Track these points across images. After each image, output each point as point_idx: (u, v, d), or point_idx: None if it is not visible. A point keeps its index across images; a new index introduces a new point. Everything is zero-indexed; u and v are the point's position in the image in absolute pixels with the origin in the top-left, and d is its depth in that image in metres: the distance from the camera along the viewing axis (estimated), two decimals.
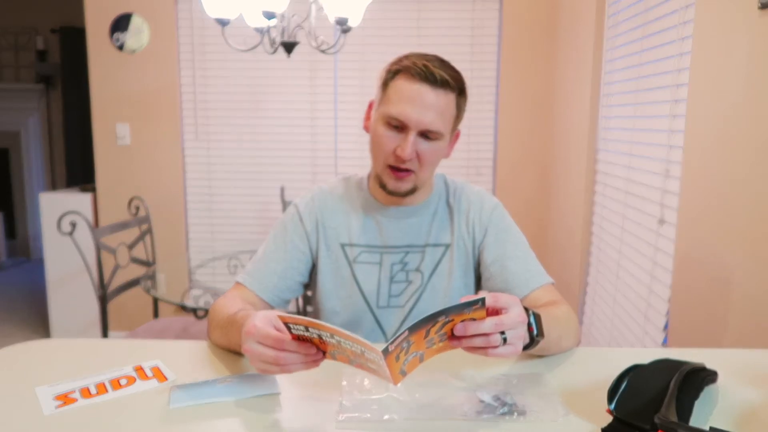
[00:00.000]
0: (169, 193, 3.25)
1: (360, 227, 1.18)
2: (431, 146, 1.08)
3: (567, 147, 2.80)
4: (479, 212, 1.19)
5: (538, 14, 3.04)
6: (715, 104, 1.48)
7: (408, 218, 1.18)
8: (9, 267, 5.09)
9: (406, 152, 1.05)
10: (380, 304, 1.17)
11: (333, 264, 1.18)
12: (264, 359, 0.77)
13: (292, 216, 1.20)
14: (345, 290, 1.17)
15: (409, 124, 1.05)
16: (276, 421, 0.78)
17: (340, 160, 3.23)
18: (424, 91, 1.04)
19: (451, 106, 1.07)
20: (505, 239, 1.17)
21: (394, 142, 1.07)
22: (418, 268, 1.17)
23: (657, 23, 1.88)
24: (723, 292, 1.44)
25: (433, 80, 1.04)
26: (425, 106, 1.04)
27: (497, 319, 0.75)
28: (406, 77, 1.05)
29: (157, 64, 3.15)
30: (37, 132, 5.29)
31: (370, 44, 3.09)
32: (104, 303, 2.17)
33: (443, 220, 1.20)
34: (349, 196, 1.21)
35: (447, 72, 1.06)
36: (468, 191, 1.22)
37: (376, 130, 1.09)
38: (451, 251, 1.18)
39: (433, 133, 1.06)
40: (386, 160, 1.09)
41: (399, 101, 1.05)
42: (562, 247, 2.88)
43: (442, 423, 0.77)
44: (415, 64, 1.05)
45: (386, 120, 1.07)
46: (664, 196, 1.80)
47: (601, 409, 0.75)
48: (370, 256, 1.17)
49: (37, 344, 1.03)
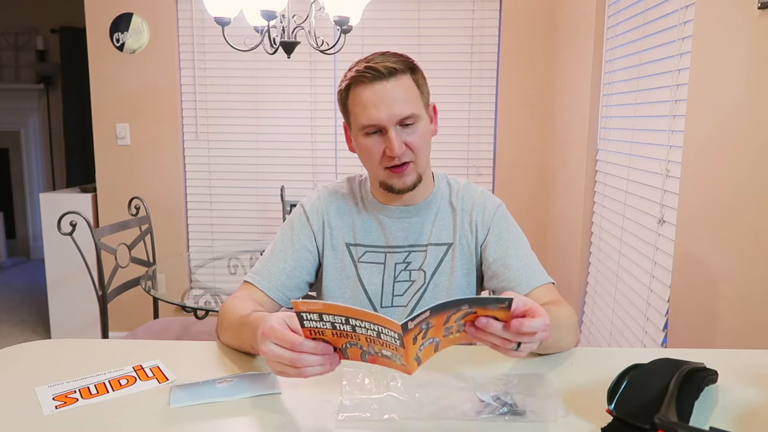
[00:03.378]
0: (169, 193, 3.25)
1: (364, 227, 1.19)
2: (414, 131, 1.10)
3: (567, 147, 2.80)
4: (482, 212, 1.20)
5: (538, 14, 3.04)
6: (715, 104, 1.48)
7: (410, 218, 1.19)
8: (9, 267, 5.09)
9: (395, 149, 1.07)
10: (383, 304, 1.18)
11: (338, 264, 1.19)
12: (281, 360, 0.77)
13: (299, 216, 1.21)
14: (349, 290, 1.18)
15: (382, 123, 1.07)
16: (276, 421, 0.78)
17: (340, 160, 3.23)
18: (378, 88, 1.06)
19: (409, 86, 1.09)
20: (507, 238, 1.18)
21: (380, 146, 1.09)
22: (421, 267, 1.18)
23: (657, 23, 1.88)
24: (723, 292, 1.44)
25: (380, 74, 1.06)
26: (387, 100, 1.06)
27: (520, 327, 0.74)
28: (357, 86, 1.08)
29: (157, 64, 3.15)
30: (37, 132, 5.29)
31: (370, 44, 3.09)
32: (104, 303, 2.17)
33: (445, 219, 1.20)
34: (353, 196, 1.23)
35: (390, 60, 1.08)
36: (471, 191, 1.23)
37: (360, 144, 1.12)
38: (453, 250, 1.18)
39: (408, 118, 1.08)
40: (381, 164, 1.11)
41: (363, 109, 1.08)
42: (562, 247, 2.88)
43: (441, 423, 0.77)
44: (358, 71, 1.08)
45: (363, 132, 1.10)
46: (664, 196, 1.80)
47: (601, 409, 0.75)
48: (374, 256, 1.18)
49: (37, 344, 1.03)
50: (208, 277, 2.50)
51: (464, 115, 3.16)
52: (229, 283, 2.40)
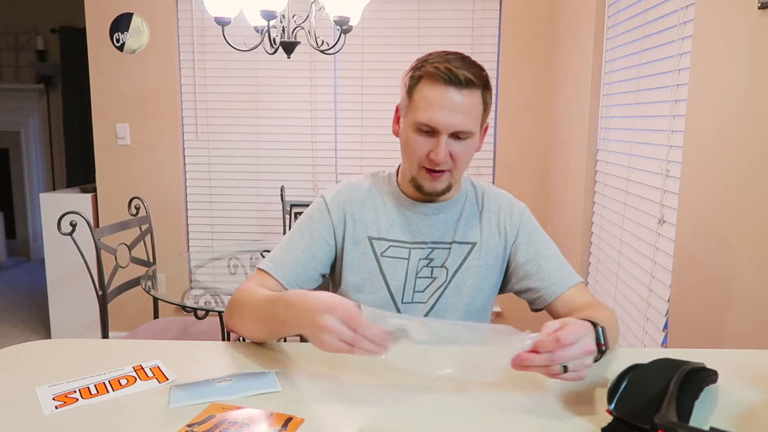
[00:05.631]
0: (169, 193, 3.25)
1: (389, 222, 1.19)
2: (463, 145, 1.09)
3: (567, 147, 2.80)
4: (509, 214, 1.21)
5: (538, 14, 3.04)
6: (715, 104, 1.48)
7: (436, 215, 1.19)
8: (9, 267, 5.09)
9: (440, 156, 1.06)
10: (404, 300, 1.18)
11: (360, 257, 1.18)
12: (341, 338, 0.80)
13: (319, 206, 1.20)
14: (371, 284, 1.18)
15: (439, 128, 1.06)
16: None
17: (340, 160, 3.23)
18: (450, 94, 1.04)
19: (477, 103, 1.08)
20: (537, 240, 1.20)
21: (426, 147, 1.08)
22: (444, 264, 1.18)
23: (657, 23, 1.88)
24: (723, 292, 1.44)
25: (457, 82, 1.04)
26: (453, 109, 1.05)
27: (551, 352, 0.77)
28: (430, 82, 1.06)
29: (157, 64, 3.15)
30: (37, 132, 5.29)
31: (370, 44, 3.09)
32: (104, 303, 2.17)
33: (471, 219, 1.21)
34: (379, 191, 1.22)
35: (470, 70, 1.06)
36: (496, 193, 1.25)
37: (408, 137, 1.10)
38: (479, 249, 1.19)
39: (464, 133, 1.07)
40: (420, 162, 1.10)
41: (426, 107, 1.06)
42: (562, 247, 2.86)
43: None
44: (437, 69, 1.05)
45: (416, 126, 1.08)
46: (664, 196, 1.79)
47: (601, 409, 0.75)
48: (398, 251, 1.18)
49: (37, 344, 1.03)
50: (208, 277, 2.49)
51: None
52: (229, 283, 2.40)
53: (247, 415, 0.76)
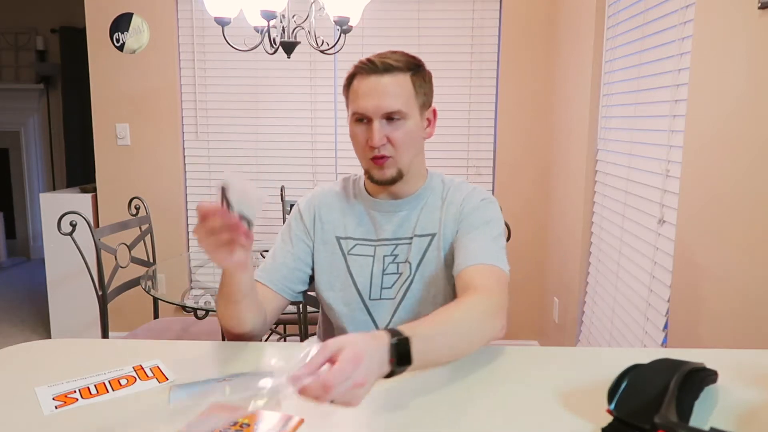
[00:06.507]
0: (169, 193, 3.25)
1: (355, 221, 1.23)
2: (398, 127, 1.13)
3: (567, 147, 2.80)
4: (469, 202, 1.19)
5: (538, 14, 3.04)
6: (715, 104, 1.48)
7: (399, 211, 1.22)
8: (9, 267, 5.09)
9: (375, 139, 1.11)
10: (372, 296, 1.20)
11: (329, 256, 1.23)
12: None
13: (294, 214, 1.28)
14: (339, 282, 1.22)
15: (368, 113, 1.11)
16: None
17: (340, 160, 3.23)
18: (373, 81, 1.12)
19: (404, 84, 1.13)
20: (478, 225, 1.15)
21: (365, 135, 1.14)
22: (407, 259, 1.20)
23: (657, 23, 1.88)
24: (723, 292, 1.44)
25: (378, 69, 1.12)
26: (378, 93, 1.11)
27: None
28: (357, 78, 1.15)
29: (157, 64, 3.15)
30: (37, 132, 5.30)
31: (370, 44, 3.09)
32: (104, 303, 2.17)
33: (432, 212, 1.21)
34: (347, 193, 1.27)
35: (392, 58, 1.13)
36: (463, 186, 1.24)
37: (350, 130, 1.18)
38: (438, 240, 1.19)
39: (394, 113, 1.11)
40: (365, 153, 1.15)
41: (356, 98, 1.14)
42: (562, 247, 2.88)
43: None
44: (361, 63, 1.14)
45: (354, 119, 1.15)
46: (664, 196, 1.80)
47: (601, 409, 0.75)
48: (364, 249, 1.22)
49: (37, 344, 1.03)
50: (208, 277, 2.49)
51: (464, 115, 3.16)
52: None
53: (247, 415, 0.76)
